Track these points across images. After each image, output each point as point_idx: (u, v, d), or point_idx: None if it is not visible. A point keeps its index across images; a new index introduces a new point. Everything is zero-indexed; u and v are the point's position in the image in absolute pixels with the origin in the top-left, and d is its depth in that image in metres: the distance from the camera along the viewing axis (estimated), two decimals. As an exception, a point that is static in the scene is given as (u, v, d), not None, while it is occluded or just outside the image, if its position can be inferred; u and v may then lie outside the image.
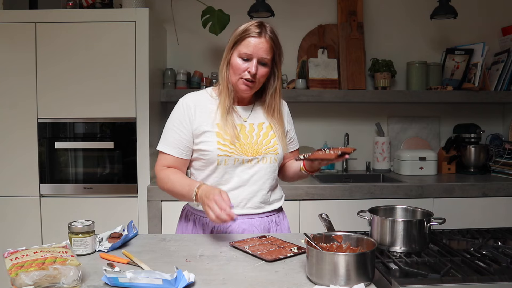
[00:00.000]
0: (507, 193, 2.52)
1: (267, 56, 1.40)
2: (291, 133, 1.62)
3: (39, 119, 2.50)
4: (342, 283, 0.98)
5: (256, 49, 1.38)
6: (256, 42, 1.38)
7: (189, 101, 1.48)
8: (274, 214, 1.56)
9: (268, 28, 1.41)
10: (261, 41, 1.39)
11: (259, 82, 1.44)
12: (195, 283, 1.02)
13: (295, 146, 1.66)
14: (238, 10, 2.75)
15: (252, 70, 1.38)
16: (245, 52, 1.38)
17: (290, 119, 1.63)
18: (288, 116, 1.62)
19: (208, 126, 1.45)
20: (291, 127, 1.62)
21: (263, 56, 1.39)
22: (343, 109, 3.09)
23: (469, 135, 2.95)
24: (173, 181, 1.43)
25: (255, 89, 1.46)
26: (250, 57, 1.39)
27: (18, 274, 0.96)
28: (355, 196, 2.47)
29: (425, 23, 3.00)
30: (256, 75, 1.40)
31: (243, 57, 1.39)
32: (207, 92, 1.53)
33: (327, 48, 2.95)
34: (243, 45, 1.39)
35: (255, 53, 1.39)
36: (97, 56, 2.48)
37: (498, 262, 1.11)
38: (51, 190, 2.52)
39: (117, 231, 1.39)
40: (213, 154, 1.42)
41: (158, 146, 1.50)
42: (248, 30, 1.39)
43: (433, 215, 1.27)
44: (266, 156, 1.48)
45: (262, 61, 1.40)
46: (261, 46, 1.39)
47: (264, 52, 1.39)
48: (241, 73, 1.40)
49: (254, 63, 1.39)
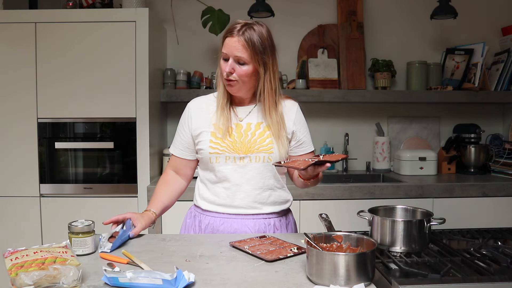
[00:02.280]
0: (507, 193, 2.52)
1: (242, 54, 1.39)
2: (299, 135, 1.54)
3: (39, 119, 2.50)
4: (342, 283, 0.98)
5: (231, 49, 1.40)
6: (230, 41, 1.40)
7: (192, 103, 1.56)
8: (273, 217, 1.52)
9: (245, 28, 1.40)
10: (234, 40, 1.39)
11: (243, 82, 1.43)
12: (195, 283, 1.02)
13: (307, 149, 1.57)
14: (238, 10, 2.75)
15: (226, 69, 1.41)
16: (224, 52, 1.42)
17: (301, 120, 1.57)
18: (297, 116, 1.56)
19: (204, 126, 1.49)
20: (300, 128, 1.55)
21: (237, 54, 1.39)
22: (343, 109, 3.09)
23: (469, 135, 2.95)
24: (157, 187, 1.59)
25: (242, 89, 1.45)
26: (227, 56, 1.41)
27: (18, 274, 0.96)
28: (355, 196, 2.47)
29: (425, 23, 3.00)
30: (233, 74, 1.41)
31: (224, 57, 1.43)
32: (213, 96, 1.56)
33: (327, 48, 2.95)
34: (224, 46, 1.43)
35: (230, 52, 1.40)
36: (97, 56, 2.48)
37: (498, 262, 1.11)
38: (51, 190, 2.52)
39: (117, 230, 1.39)
40: (206, 152, 1.46)
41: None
42: (228, 29, 1.43)
43: (433, 215, 1.27)
44: (259, 154, 1.45)
45: (239, 60, 1.40)
46: (234, 45, 1.39)
47: (237, 51, 1.39)
48: (223, 73, 1.43)
49: (229, 63, 1.41)
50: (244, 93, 1.49)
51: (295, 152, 1.56)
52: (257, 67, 1.42)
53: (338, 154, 1.42)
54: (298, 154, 1.56)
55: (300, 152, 1.56)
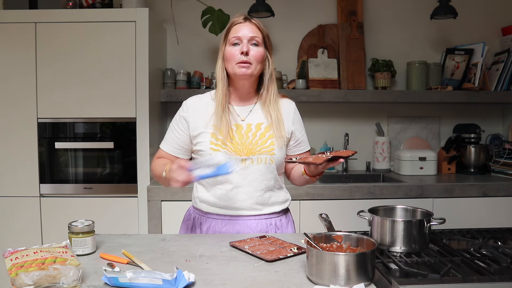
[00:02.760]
0: (507, 193, 2.52)
1: (256, 35, 1.44)
2: (298, 134, 1.56)
3: (39, 119, 2.50)
4: (342, 283, 0.98)
5: (244, 31, 1.44)
6: (241, 26, 1.45)
7: (189, 103, 1.53)
8: (274, 217, 1.53)
9: (252, 17, 1.49)
10: (247, 24, 1.46)
11: (257, 63, 1.44)
12: (195, 283, 1.02)
13: (304, 148, 1.59)
14: (238, 10, 2.70)
15: (244, 48, 1.42)
16: (234, 36, 1.44)
17: (298, 119, 1.58)
18: (295, 116, 1.56)
19: (203, 127, 1.47)
20: (298, 128, 1.56)
21: (252, 35, 1.44)
22: (343, 109, 3.09)
23: (469, 135, 2.95)
24: (156, 166, 1.51)
25: (254, 72, 1.44)
26: (240, 39, 1.44)
27: (18, 274, 0.96)
28: (355, 196, 2.47)
29: (425, 23, 3.00)
30: (249, 54, 1.42)
31: (233, 42, 1.44)
32: (210, 95, 1.55)
33: (327, 48, 2.95)
34: (231, 32, 1.46)
35: (244, 34, 1.44)
36: (97, 56, 2.48)
37: (498, 262, 1.11)
38: (51, 190, 2.52)
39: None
40: (207, 154, 1.44)
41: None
42: (233, 21, 1.48)
43: (433, 215, 1.27)
44: (261, 156, 1.45)
45: (252, 40, 1.44)
46: (248, 28, 1.45)
47: (252, 32, 1.44)
48: (235, 57, 1.43)
49: (244, 43, 1.43)
50: (253, 81, 1.49)
51: (294, 151, 1.57)
52: (265, 52, 1.47)
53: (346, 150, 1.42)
54: (296, 153, 1.57)
55: (298, 151, 1.58)
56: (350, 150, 1.37)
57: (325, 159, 1.29)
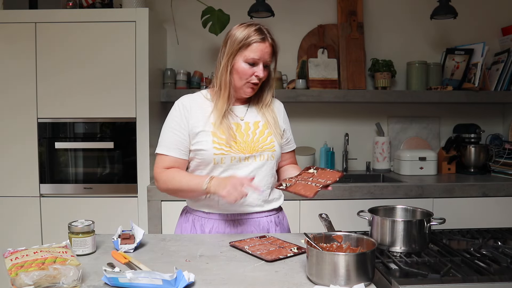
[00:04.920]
0: (507, 193, 2.52)
1: (271, 59, 1.47)
2: (288, 133, 1.62)
3: (39, 119, 2.50)
4: (342, 283, 0.98)
5: (262, 54, 1.43)
6: (262, 47, 1.43)
7: (185, 102, 1.50)
8: (273, 214, 1.55)
9: (268, 32, 1.46)
10: (266, 46, 1.44)
11: (262, 81, 1.48)
12: (195, 283, 1.02)
13: (292, 147, 1.66)
14: (238, 10, 2.75)
15: (260, 74, 1.44)
16: (253, 57, 1.42)
17: (287, 119, 1.64)
18: (284, 115, 1.63)
19: (203, 126, 1.46)
20: (288, 127, 1.63)
21: (268, 59, 1.46)
22: (343, 109, 3.09)
23: (469, 135, 2.95)
24: (179, 178, 1.43)
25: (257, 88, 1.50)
26: (257, 62, 1.43)
27: (18, 274, 0.96)
28: (355, 196, 2.47)
29: (425, 23, 3.00)
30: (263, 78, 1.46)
31: (250, 62, 1.43)
32: (202, 94, 1.55)
33: (327, 48, 2.94)
34: (250, 50, 1.42)
35: (262, 57, 1.43)
36: (97, 56, 2.48)
37: (498, 262, 1.11)
38: (51, 190, 2.52)
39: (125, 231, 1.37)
40: (209, 154, 1.43)
41: (157, 149, 1.50)
42: (250, 36, 1.42)
43: (433, 215, 1.27)
44: (263, 153, 1.48)
45: (266, 63, 1.46)
46: (267, 51, 1.44)
47: (269, 56, 1.46)
48: (248, 77, 1.44)
49: (261, 68, 1.44)
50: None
51: (284, 149, 1.62)
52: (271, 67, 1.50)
53: (332, 171, 1.44)
54: (286, 151, 1.62)
55: (287, 149, 1.63)
56: (337, 172, 1.41)
57: (315, 192, 1.30)
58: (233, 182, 1.31)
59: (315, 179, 1.38)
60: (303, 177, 1.41)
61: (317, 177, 1.40)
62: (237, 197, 1.29)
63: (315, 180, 1.37)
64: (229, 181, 1.32)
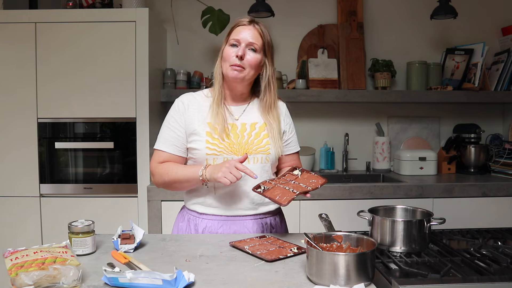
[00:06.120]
0: (507, 193, 2.52)
1: (255, 41, 1.44)
2: (289, 135, 1.58)
3: (39, 119, 2.50)
4: (342, 283, 0.98)
5: (244, 35, 1.44)
6: (244, 29, 1.45)
7: (184, 100, 1.51)
8: (269, 216, 1.53)
9: (258, 22, 1.48)
10: (249, 28, 1.45)
11: (250, 68, 1.44)
12: (195, 283, 1.02)
13: (294, 149, 1.61)
14: (238, 10, 2.74)
15: (239, 52, 1.42)
16: (234, 38, 1.44)
17: (289, 120, 1.60)
18: (286, 116, 1.59)
19: (199, 125, 1.46)
20: (289, 129, 1.59)
21: (251, 41, 1.43)
22: (343, 109, 3.09)
23: (469, 135, 2.95)
24: (175, 170, 1.45)
25: (246, 77, 1.45)
26: (238, 42, 1.44)
27: (18, 274, 0.96)
28: (355, 196, 2.47)
29: (425, 23, 3.00)
30: (243, 59, 1.42)
31: (232, 43, 1.44)
32: (203, 93, 1.55)
33: (327, 48, 2.95)
34: (233, 34, 1.46)
35: (243, 38, 1.43)
36: (97, 56, 2.48)
37: (498, 262, 1.11)
38: (51, 190, 2.52)
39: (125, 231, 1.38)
40: (202, 153, 1.43)
41: (155, 145, 1.53)
42: (238, 22, 1.47)
43: (433, 215, 1.27)
44: (257, 156, 1.46)
45: (251, 46, 1.44)
46: (249, 32, 1.44)
47: (252, 38, 1.44)
48: (230, 59, 1.43)
49: (242, 47, 1.43)
50: (245, 85, 1.49)
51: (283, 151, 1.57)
52: (263, 58, 1.47)
53: (316, 175, 1.43)
54: (286, 153, 1.58)
55: (287, 152, 1.59)
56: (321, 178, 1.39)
57: (290, 199, 1.29)
58: (228, 165, 1.33)
59: (296, 184, 1.36)
60: (285, 179, 1.41)
61: (299, 180, 1.39)
62: (231, 178, 1.30)
63: (295, 184, 1.36)
64: (223, 165, 1.34)
